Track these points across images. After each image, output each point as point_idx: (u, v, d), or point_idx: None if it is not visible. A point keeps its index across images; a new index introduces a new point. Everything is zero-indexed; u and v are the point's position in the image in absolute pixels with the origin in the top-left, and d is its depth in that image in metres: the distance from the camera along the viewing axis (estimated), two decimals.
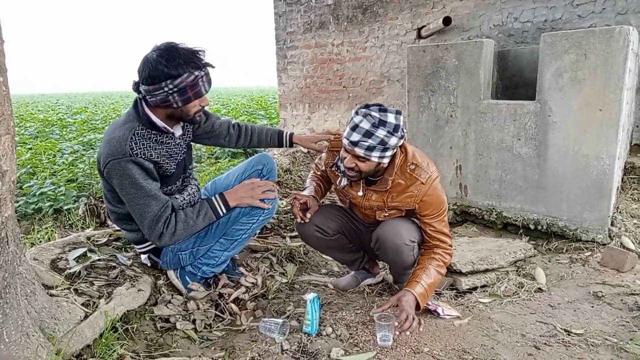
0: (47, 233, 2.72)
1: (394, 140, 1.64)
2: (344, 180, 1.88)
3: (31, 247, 1.94)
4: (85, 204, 3.09)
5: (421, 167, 1.77)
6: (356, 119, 1.64)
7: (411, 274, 1.81)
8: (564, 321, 1.82)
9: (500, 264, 2.30)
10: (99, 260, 1.88)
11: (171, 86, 1.62)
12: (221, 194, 1.84)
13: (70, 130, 8.51)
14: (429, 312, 1.87)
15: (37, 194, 3.34)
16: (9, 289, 1.24)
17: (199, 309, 1.83)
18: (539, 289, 2.13)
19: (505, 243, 2.57)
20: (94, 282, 1.72)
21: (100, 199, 3.12)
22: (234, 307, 1.89)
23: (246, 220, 1.86)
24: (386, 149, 1.65)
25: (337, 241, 2.04)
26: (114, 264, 1.89)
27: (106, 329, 1.50)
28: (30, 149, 5.53)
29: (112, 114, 12.48)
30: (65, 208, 3.16)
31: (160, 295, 1.85)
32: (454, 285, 2.21)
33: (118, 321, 1.57)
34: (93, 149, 5.90)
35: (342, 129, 2.00)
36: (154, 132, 1.73)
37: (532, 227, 2.83)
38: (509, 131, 2.85)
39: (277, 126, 7.62)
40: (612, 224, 2.63)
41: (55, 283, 1.64)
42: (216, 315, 1.84)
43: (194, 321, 1.76)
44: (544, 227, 2.77)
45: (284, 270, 2.33)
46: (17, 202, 3.20)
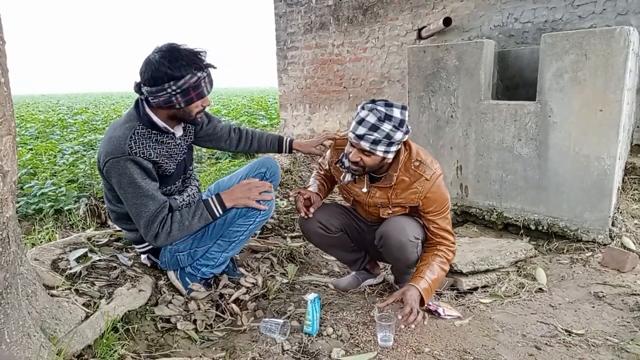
0: (48, 233, 2.72)
1: (399, 135, 1.66)
2: (348, 176, 1.89)
3: (32, 248, 1.94)
4: (86, 205, 3.10)
5: (425, 164, 1.79)
6: (362, 113, 1.67)
7: (415, 270, 1.82)
8: (565, 321, 1.82)
9: (501, 264, 2.30)
10: (99, 260, 1.88)
11: (174, 87, 1.62)
12: (217, 195, 1.83)
13: (70, 130, 8.52)
14: (429, 313, 1.87)
15: (38, 194, 3.34)
16: (11, 289, 1.24)
17: (199, 309, 1.83)
18: (540, 289, 2.13)
19: (505, 243, 2.57)
20: (95, 283, 1.72)
21: (101, 200, 3.12)
22: (235, 308, 1.89)
23: (243, 221, 1.86)
24: (391, 143, 1.67)
25: (340, 239, 2.04)
26: (114, 265, 1.89)
27: (107, 329, 1.50)
28: (31, 149, 5.54)
29: (113, 114, 12.49)
30: (66, 208, 3.16)
31: (161, 295, 1.85)
32: (455, 286, 2.21)
33: (119, 321, 1.57)
34: (94, 149, 5.91)
35: (341, 130, 2.01)
36: (154, 132, 1.73)
37: (533, 228, 2.83)
38: (509, 131, 2.85)
39: (278, 126, 7.63)
40: (613, 225, 2.63)
41: (56, 283, 1.64)
42: (217, 315, 1.84)
43: (194, 321, 1.77)
44: (545, 228, 2.77)
45: (285, 270, 2.33)
46: (18, 203, 3.20)
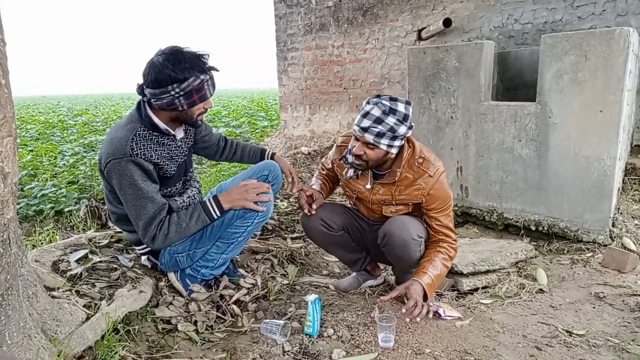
0: (49, 235, 2.72)
1: (402, 129, 1.68)
2: (350, 171, 1.90)
3: (33, 249, 1.94)
4: (87, 206, 3.10)
5: (429, 161, 1.81)
6: (367, 107, 1.70)
7: (418, 266, 1.82)
8: (566, 322, 1.82)
9: (501, 265, 2.30)
10: (100, 262, 1.88)
11: (178, 90, 1.63)
12: (215, 197, 1.83)
13: (71, 132, 8.54)
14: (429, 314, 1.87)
15: (39, 195, 3.35)
16: (11, 290, 1.24)
17: (200, 310, 1.83)
18: (540, 290, 2.13)
19: (506, 244, 2.57)
20: (96, 284, 1.72)
21: (102, 201, 3.12)
22: (236, 309, 1.89)
23: (241, 222, 1.85)
24: (395, 137, 1.69)
25: (341, 238, 2.05)
26: (115, 266, 1.89)
27: (108, 331, 1.50)
28: (32, 151, 5.54)
29: (113, 115, 12.50)
30: (66, 210, 3.17)
31: (162, 296, 1.85)
32: (455, 286, 2.21)
33: (119, 323, 1.57)
34: (94, 150, 5.91)
35: (341, 131, 2.02)
36: (155, 134, 1.74)
37: (533, 228, 2.83)
38: (509, 132, 2.85)
39: (278, 128, 7.63)
40: (613, 225, 2.63)
41: (57, 285, 1.64)
42: (217, 316, 1.84)
43: (195, 323, 1.77)
44: (545, 228, 2.77)
45: (285, 271, 2.33)
46: (19, 204, 3.20)
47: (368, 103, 1.71)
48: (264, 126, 8.75)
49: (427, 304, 1.68)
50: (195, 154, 2.13)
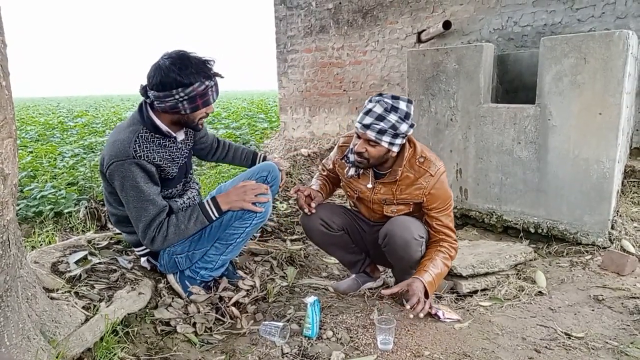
0: (48, 236, 2.72)
1: (404, 127, 1.69)
2: (352, 170, 1.90)
3: (32, 250, 1.94)
4: (86, 207, 3.10)
5: (430, 160, 1.83)
6: (369, 104, 1.72)
7: (418, 265, 1.83)
8: (565, 324, 1.82)
9: (500, 267, 2.30)
10: (99, 263, 1.88)
11: (182, 94, 1.64)
12: (213, 198, 1.84)
13: (71, 133, 8.54)
14: (429, 316, 1.86)
15: (38, 197, 3.35)
16: (10, 292, 1.24)
17: (199, 312, 1.82)
18: (540, 292, 2.13)
19: (505, 246, 2.57)
20: (95, 286, 1.72)
21: (101, 202, 3.12)
22: (235, 311, 1.89)
23: (239, 224, 1.85)
24: (396, 135, 1.70)
25: (341, 238, 2.05)
26: (114, 267, 1.89)
27: (107, 332, 1.50)
28: (31, 152, 5.55)
29: (113, 117, 12.51)
30: (65, 211, 3.17)
31: (161, 298, 1.85)
32: (455, 289, 2.21)
33: (118, 324, 1.57)
34: (94, 152, 5.92)
35: (340, 133, 2.03)
36: (157, 136, 1.75)
37: (533, 231, 2.83)
38: (509, 135, 2.85)
39: (278, 129, 7.64)
40: (613, 228, 2.63)
41: (56, 286, 1.64)
42: (217, 318, 1.84)
43: (194, 324, 1.76)
44: (545, 231, 2.78)
45: (285, 273, 2.33)
46: (18, 206, 3.20)
47: (370, 101, 1.73)
48: (263, 128, 8.76)
49: (428, 301, 1.69)
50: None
